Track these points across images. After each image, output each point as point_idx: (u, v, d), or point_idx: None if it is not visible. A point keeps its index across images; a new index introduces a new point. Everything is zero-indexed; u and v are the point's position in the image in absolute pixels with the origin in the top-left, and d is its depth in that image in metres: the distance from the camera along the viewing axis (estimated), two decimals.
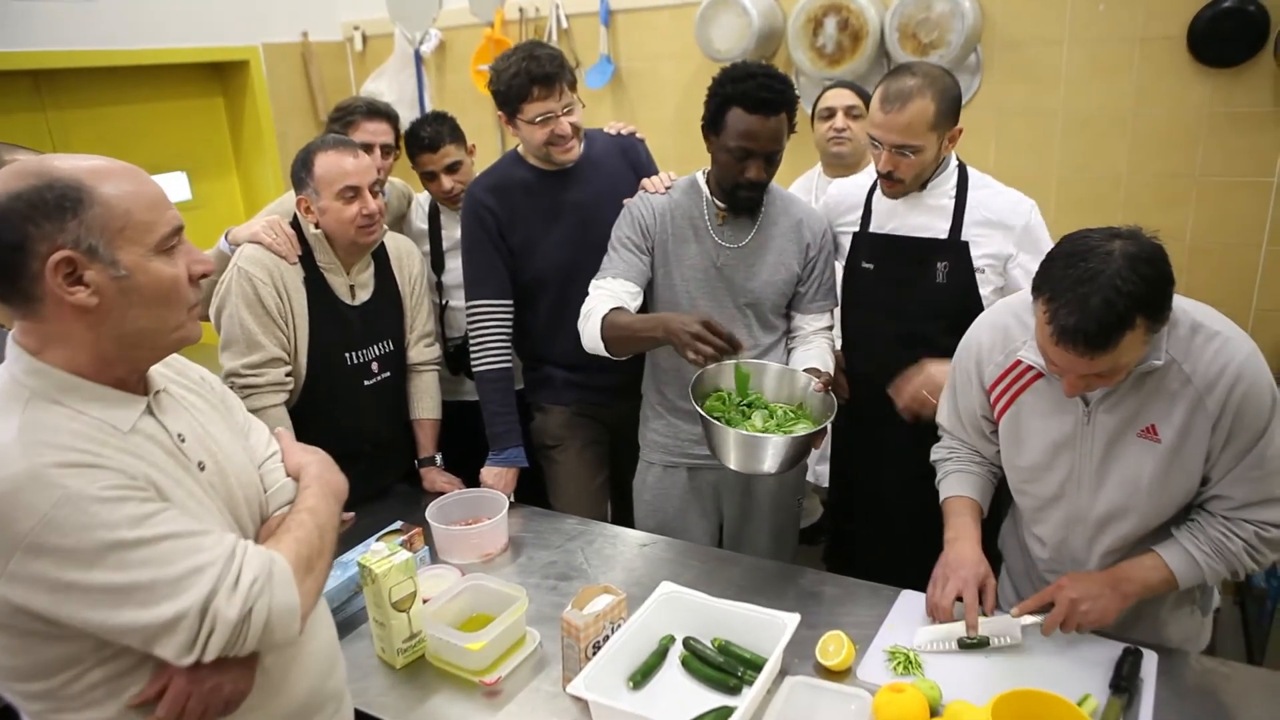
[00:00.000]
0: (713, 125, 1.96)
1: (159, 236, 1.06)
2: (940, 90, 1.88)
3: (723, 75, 1.95)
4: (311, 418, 2.10)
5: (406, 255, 2.32)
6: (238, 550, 1.07)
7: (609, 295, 2.04)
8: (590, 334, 2.01)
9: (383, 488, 2.31)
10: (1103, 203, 3.03)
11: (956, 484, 1.80)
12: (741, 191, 1.98)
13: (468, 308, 2.34)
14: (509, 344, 2.35)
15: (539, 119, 2.16)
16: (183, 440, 1.15)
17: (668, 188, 2.14)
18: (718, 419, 1.81)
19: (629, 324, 1.94)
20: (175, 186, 3.96)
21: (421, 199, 2.70)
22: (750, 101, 1.88)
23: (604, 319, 1.97)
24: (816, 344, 2.13)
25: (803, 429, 1.82)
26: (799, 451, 1.81)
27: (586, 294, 2.16)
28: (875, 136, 1.93)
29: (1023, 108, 3.09)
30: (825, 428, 1.81)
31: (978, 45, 3.07)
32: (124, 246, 1.03)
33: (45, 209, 0.99)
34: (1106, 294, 1.29)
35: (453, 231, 2.59)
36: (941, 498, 1.81)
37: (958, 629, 1.62)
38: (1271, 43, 2.70)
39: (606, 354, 2.01)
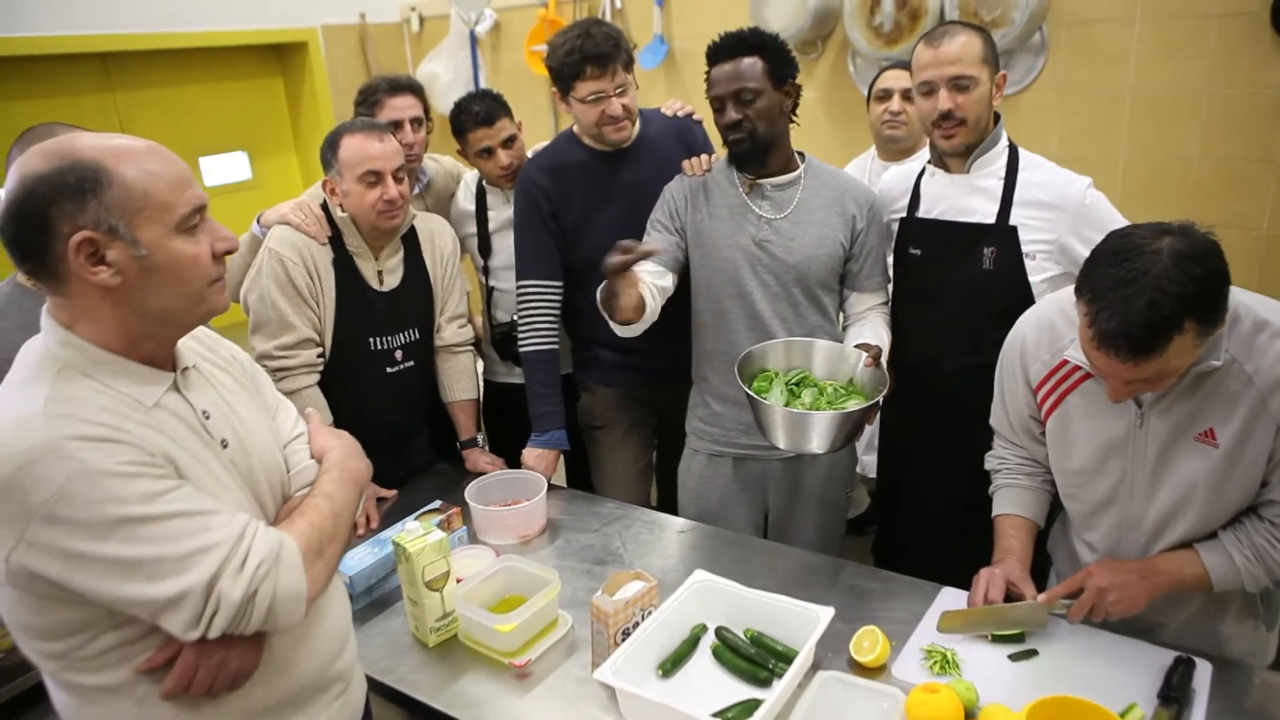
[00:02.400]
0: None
1: (179, 216, 1.07)
2: (981, 34, 1.89)
3: None
4: (328, 401, 2.11)
5: (438, 235, 2.30)
6: (247, 531, 1.08)
7: None
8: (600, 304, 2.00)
9: (397, 480, 2.28)
10: (1171, 189, 2.89)
11: (1007, 501, 1.73)
12: (727, 138, 1.98)
13: (517, 288, 2.34)
14: (556, 326, 2.35)
15: (590, 98, 2.14)
16: (207, 417, 1.17)
17: (706, 170, 2.11)
18: (765, 399, 1.79)
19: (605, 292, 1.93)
20: (236, 166, 4.05)
21: (468, 179, 2.66)
22: (711, 55, 1.97)
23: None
24: (870, 319, 2.08)
25: (854, 405, 1.79)
26: (850, 429, 1.78)
27: None
28: (928, 78, 1.86)
29: (1089, 89, 2.96)
30: (876, 403, 1.78)
31: (1043, 23, 2.95)
32: (143, 226, 1.04)
33: (67, 190, 1.00)
34: (1151, 296, 1.22)
35: (500, 213, 2.58)
36: (994, 513, 1.75)
37: (980, 615, 1.58)
38: None
39: (631, 329, 2.00)
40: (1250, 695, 1.45)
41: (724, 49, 1.94)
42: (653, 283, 2.04)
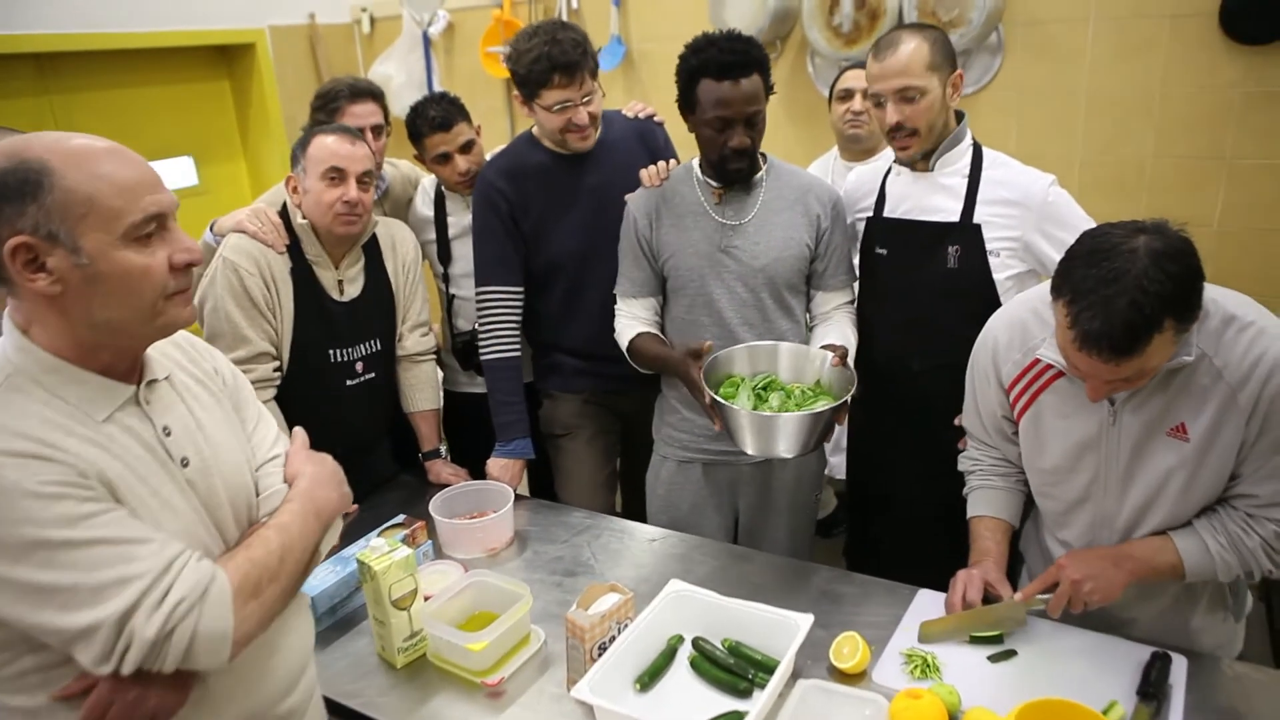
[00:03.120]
0: (687, 103, 1.93)
1: (128, 224, 1.01)
2: (931, 37, 1.84)
3: (685, 51, 1.90)
4: (287, 415, 2.03)
5: (400, 241, 2.24)
6: (175, 564, 1.01)
7: (631, 319, 2.10)
8: (625, 352, 2.11)
9: (360, 493, 2.19)
10: (1127, 186, 2.94)
11: (982, 502, 1.73)
12: (730, 163, 1.92)
13: (477, 294, 2.29)
14: (518, 332, 2.30)
15: (557, 107, 2.09)
16: (168, 434, 1.11)
17: (664, 179, 2.08)
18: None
19: (651, 358, 2.04)
20: (182, 171, 3.92)
21: (426, 184, 2.60)
22: (716, 68, 1.84)
23: (630, 345, 2.07)
24: (836, 319, 2.06)
25: (822, 405, 1.76)
26: (820, 431, 1.75)
27: (602, 279, 2.16)
28: (877, 91, 1.86)
29: (1045, 88, 2.99)
30: (844, 403, 1.75)
31: (999, 23, 2.98)
32: (87, 233, 0.98)
33: (6, 193, 0.95)
34: (1132, 295, 1.21)
35: (460, 218, 2.51)
36: (968, 515, 1.75)
37: (960, 619, 1.57)
38: None
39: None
40: (1223, 686, 1.47)
41: (734, 66, 1.83)
42: (652, 318, 2.11)
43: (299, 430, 1.35)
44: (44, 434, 0.97)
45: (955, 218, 1.90)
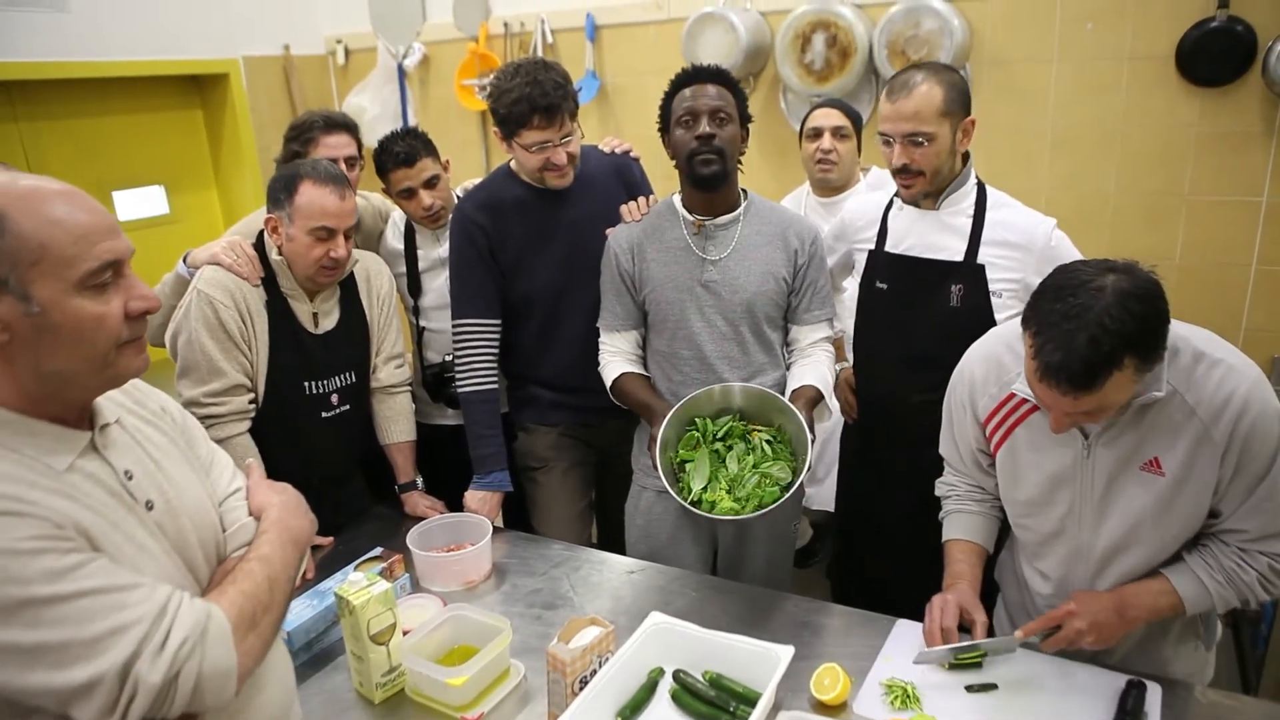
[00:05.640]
0: (664, 127, 2.02)
1: (83, 272, 0.97)
2: (947, 80, 1.85)
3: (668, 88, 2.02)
4: (261, 447, 2.01)
5: (374, 274, 2.23)
6: (169, 606, 0.98)
7: (616, 354, 2.14)
8: (609, 390, 2.14)
9: (335, 526, 2.17)
10: (1091, 221, 3.02)
11: (957, 526, 1.75)
12: (697, 159, 1.93)
13: (454, 327, 2.28)
14: (495, 364, 2.30)
15: (535, 147, 2.10)
16: (130, 477, 1.07)
17: (644, 214, 2.11)
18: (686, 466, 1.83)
19: (633, 404, 2.10)
20: (152, 200, 3.89)
21: (397, 218, 2.60)
22: (684, 79, 1.97)
23: (614, 384, 2.11)
24: (814, 358, 2.08)
25: (762, 509, 1.77)
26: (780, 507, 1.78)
27: (579, 312, 2.18)
28: (885, 131, 1.88)
29: (1011, 126, 3.08)
30: (796, 485, 1.78)
31: (966, 63, 3.06)
32: (39, 281, 0.95)
33: None
34: (1093, 331, 1.24)
35: (430, 251, 2.52)
36: (943, 538, 1.76)
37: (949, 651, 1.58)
38: (1259, 63, 2.70)
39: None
40: (1197, 713, 1.49)
41: (701, 74, 1.95)
42: (635, 351, 2.14)
43: (253, 462, 1.33)
44: (10, 489, 0.93)
45: (959, 257, 1.92)
